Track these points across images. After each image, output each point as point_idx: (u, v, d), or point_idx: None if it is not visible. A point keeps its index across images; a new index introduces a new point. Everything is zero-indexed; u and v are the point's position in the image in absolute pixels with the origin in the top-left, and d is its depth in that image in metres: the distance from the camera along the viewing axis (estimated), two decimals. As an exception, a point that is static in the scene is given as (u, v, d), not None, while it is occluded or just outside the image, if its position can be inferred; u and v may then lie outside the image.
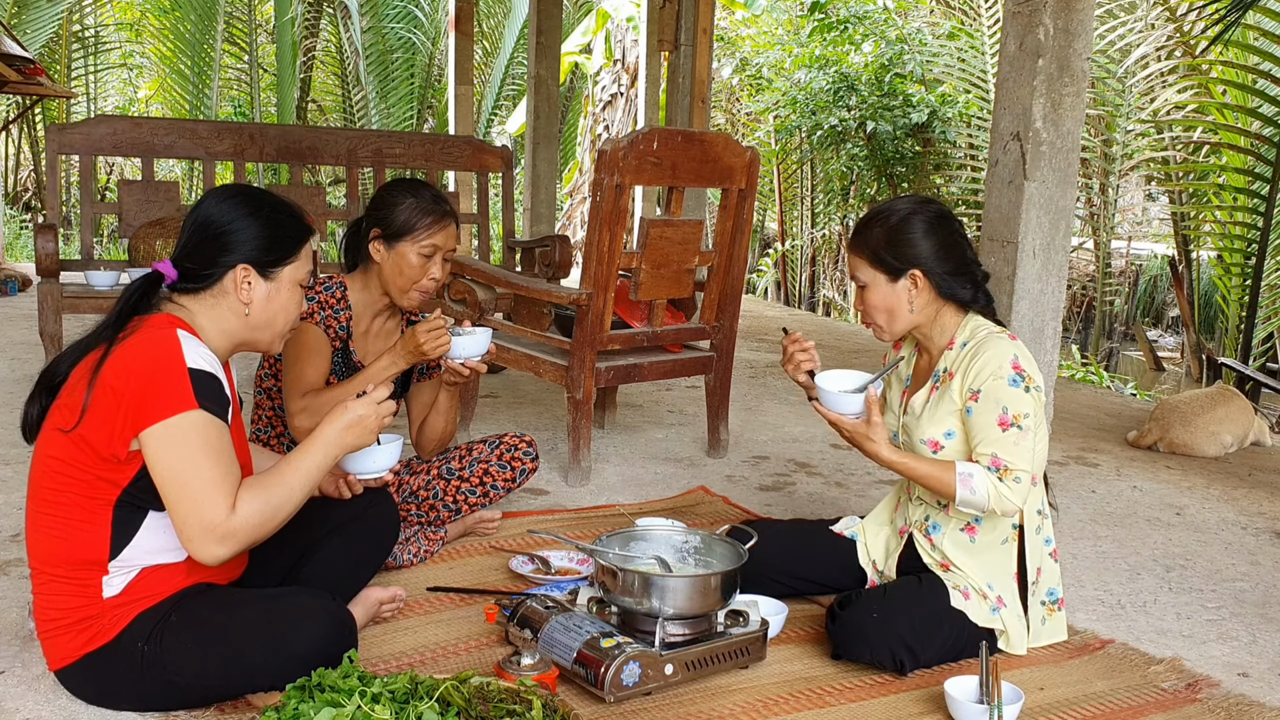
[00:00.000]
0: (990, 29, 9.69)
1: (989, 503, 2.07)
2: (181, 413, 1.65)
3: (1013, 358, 2.10)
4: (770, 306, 10.03)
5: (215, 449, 1.69)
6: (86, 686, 1.81)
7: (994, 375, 2.09)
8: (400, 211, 2.46)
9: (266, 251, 1.84)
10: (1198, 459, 4.19)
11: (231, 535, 1.69)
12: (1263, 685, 2.22)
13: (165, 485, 1.67)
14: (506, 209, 5.47)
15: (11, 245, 11.29)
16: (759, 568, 2.27)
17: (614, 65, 10.79)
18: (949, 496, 2.11)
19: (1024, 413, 2.08)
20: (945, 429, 2.18)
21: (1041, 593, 2.26)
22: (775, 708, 1.97)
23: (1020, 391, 2.08)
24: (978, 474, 2.08)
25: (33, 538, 1.77)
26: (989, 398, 2.09)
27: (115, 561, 1.73)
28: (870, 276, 2.19)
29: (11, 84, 6.92)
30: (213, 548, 1.69)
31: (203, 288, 1.82)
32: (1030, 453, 2.09)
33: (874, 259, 2.18)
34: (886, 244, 2.16)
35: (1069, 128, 3.14)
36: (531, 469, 2.75)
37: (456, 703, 1.64)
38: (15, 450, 3.36)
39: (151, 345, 1.69)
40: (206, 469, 1.66)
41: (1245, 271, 7.33)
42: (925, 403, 2.23)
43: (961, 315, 2.22)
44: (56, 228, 4.22)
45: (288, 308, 1.89)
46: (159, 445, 1.66)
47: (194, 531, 1.68)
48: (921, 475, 2.13)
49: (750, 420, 4.35)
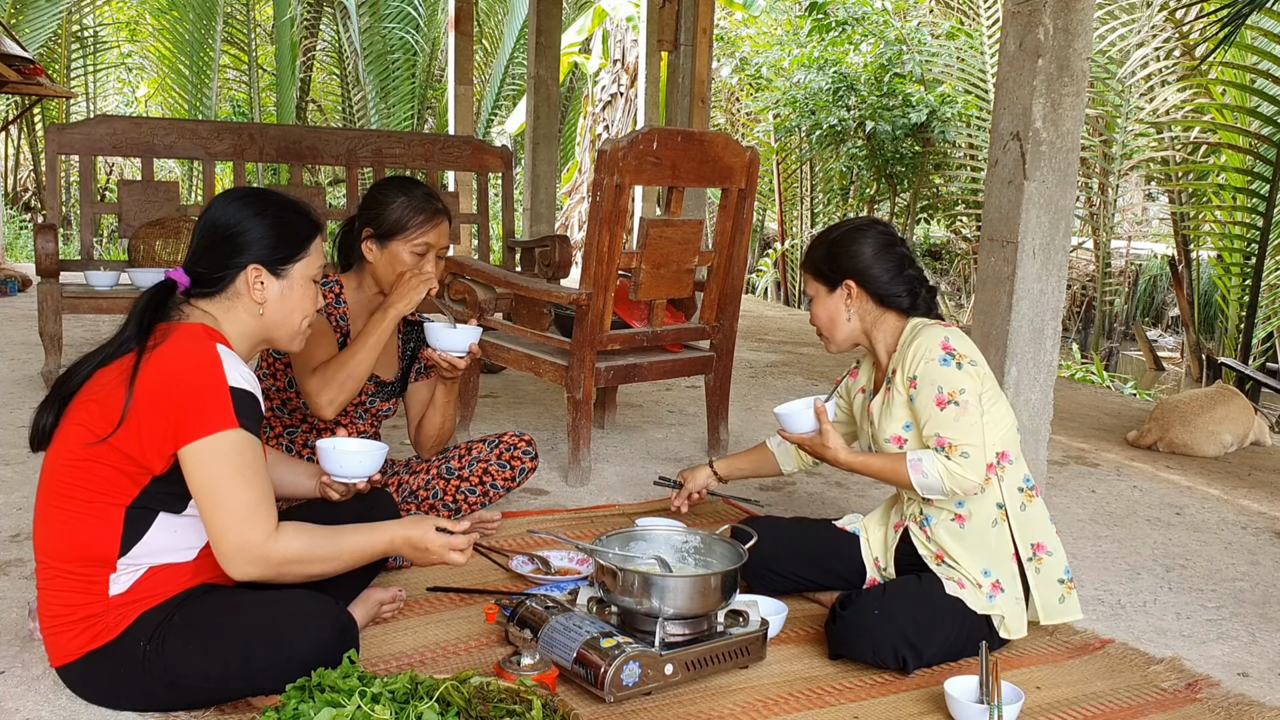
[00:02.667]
0: (989, 29, 9.69)
1: (944, 483, 2.14)
2: (221, 431, 1.69)
3: (942, 339, 2.20)
4: (770, 306, 10.03)
5: (253, 468, 1.73)
6: (88, 685, 1.81)
7: (925, 359, 2.19)
8: (392, 211, 2.46)
9: (276, 249, 1.86)
10: (1198, 459, 4.19)
11: (264, 559, 1.74)
12: (1262, 685, 2.22)
13: (204, 499, 1.71)
14: (506, 209, 5.47)
15: (11, 245, 11.29)
16: (761, 563, 2.32)
17: (613, 65, 10.79)
18: (906, 486, 2.21)
19: (959, 388, 2.15)
20: (902, 423, 2.27)
21: (1057, 570, 2.28)
22: (775, 708, 1.97)
23: (952, 370, 2.16)
24: (925, 457, 2.16)
25: (43, 532, 1.78)
26: (924, 380, 2.18)
27: (124, 559, 1.74)
28: (814, 289, 2.37)
29: (11, 84, 6.92)
30: (245, 566, 1.74)
31: (217, 291, 1.84)
32: (975, 427, 2.14)
33: (815, 272, 2.37)
34: (824, 258, 2.35)
35: (1069, 127, 3.14)
36: (531, 468, 2.75)
37: (456, 703, 1.64)
38: (15, 451, 3.35)
39: (193, 359, 1.72)
40: (244, 489, 1.71)
41: (1245, 271, 7.33)
42: (882, 404, 2.32)
43: (904, 321, 2.33)
44: (56, 228, 4.22)
45: (303, 304, 1.91)
46: (199, 460, 1.69)
47: (229, 548, 1.72)
48: (876, 470, 2.26)
49: (750, 420, 4.35)
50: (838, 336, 2.37)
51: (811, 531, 2.50)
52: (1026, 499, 2.27)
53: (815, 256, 2.38)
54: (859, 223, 2.41)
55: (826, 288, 2.35)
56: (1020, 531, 2.24)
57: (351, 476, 2.06)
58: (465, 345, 2.42)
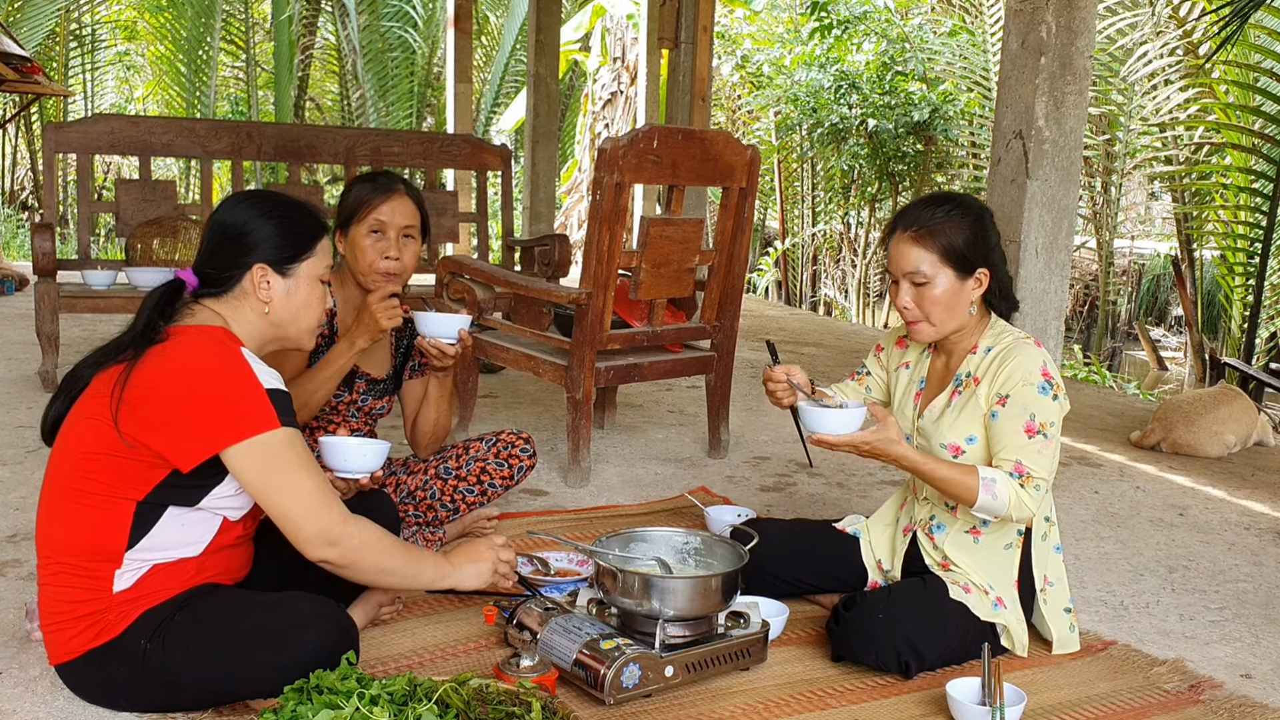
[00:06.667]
0: (992, 27, 9.67)
1: (1008, 509, 2.04)
2: (269, 431, 1.72)
3: (1042, 364, 2.09)
4: (771, 306, 10.02)
5: (308, 459, 1.78)
6: (87, 683, 1.80)
7: (1024, 381, 2.07)
8: (347, 198, 2.49)
9: (282, 249, 1.89)
10: (1201, 459, 4.17)
11: (339, 542, 1.77)
12: (1265, 686, 2.20)
13: (271, 495, 1.74)
14: (505, 208, 5.46)
15: (8, 244, 11.29)
16: (761, 565, 2.27)
17: (613, 63, 10.77)
18: (969, 501, 2.06)
19: (1050, 421, 2.07)
20: (968, 434, 2.16)
21: (1063, 600, 2.26)
22: (776, 710, 1.96)
23: (1049, 400, 2.07)
24: (1000, 480, 2.04)
25: (48, 526, 1.79)
26: (1017, 403, 2.07)
27: (131, 553, 1.75)
28: (937, 271, 2.10)
29: (9, 82, 6.90)
30: (324, 549, 1.77)
31: (224, 291, 1.87)
32: (1052, 462, 2.08)
33: (947, 254, 2.09)
34: (961, 240, 2.09)
35: (1071, 126, 3.13)
36: (529, 465, 2.73)
37: (455, 705, 1.63)
38: (13, 451, 3.34)
39: (222, 361, 1.74)
40: (308, 479, 1.76)
41: (1249, 271, 7.32)
42: (946, 407, 2.20)
43: (986, 319, 2.21)
44: (54, 227, 4.21)
45: (310, 303, 1.94)
46: (252, 461, 1.72)
47: (311, 533, 1.76)
48: (941, 478, 2.07)
49: (751, 420, 4.34)
50: (948, 328, 2.14)
51: (812, 533, 2.47)
52: (1048, 529, 2.24)
53: (948, 236, 2.08)
54: (980, 204, 2.15)
55: (957, 272, 2.10)
56: (1035, 560, 2.21)
57: (354, 472, 2.07)
58: (455, 331, 2.41)
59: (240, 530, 1.87)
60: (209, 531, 1.81)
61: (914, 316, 2.16)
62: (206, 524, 1.80)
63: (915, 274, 2.12)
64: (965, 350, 2.20)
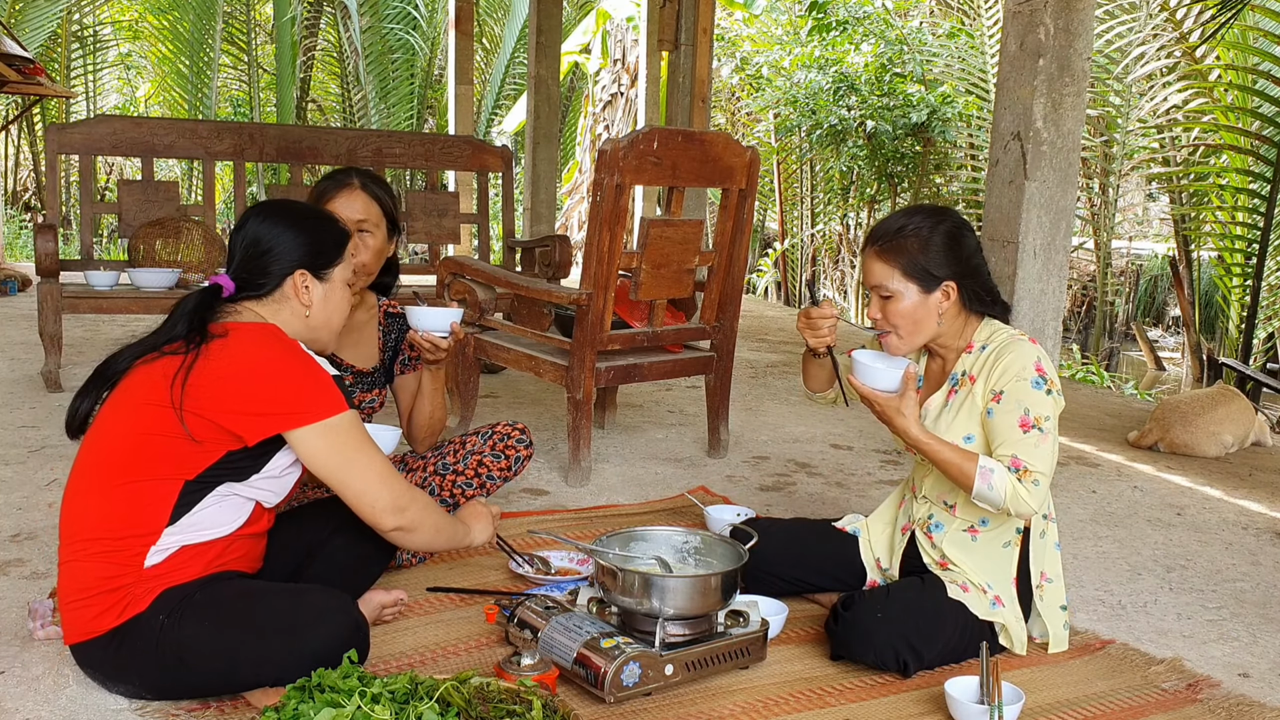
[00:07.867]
0: (990, 28, 9.69)
1: (1004, 501, 2.06)
2: (338, 414, 1.86)
3: (1035, 360, 2.11)
4: (770, 306, 10.03)
5: (371, 439, 1.94)
6: (104, 662, 1.82)
7: (1018, 377, 2.09)
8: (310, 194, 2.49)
9: (319, 256, 2.00)
10: (1198, 459, 4.19)
11: (408, 508, 1.94)
12: (1263, 685, 2.21)
13: (344, 470, 1.88)
14: (506, 209, 5.47)
15: (11, 245, 11.30)
16: (760, 564, 2.29)
17: (614, 65, 10.79)
18: (966, 486, 2.08)
19: (1045, 415, 2.08)
20: (965, 433, 2.17)
21: (1059, 597, 2.27)
22: (775, 708, 1.97)
23: (1043, 394, 2.09)
24: (998, 470, 2.05)
25: (81, 511, 1.81)
26: (1011, 399, 2.09)
27: (170, 529, 1.80)
28: (901, 287, 2.14)
29: (11, 84, 6.92)
30: (398, 516, 1.93)
31: (265, 294, 1.96)
32: (1050, 457, 2.08)
33: (909, 270, 2.13)
34: (923, 255, 2.12)
35: (1069, 127, 3.14)
36: (526, 456, 2.73)
37: (456, 703, 1.64)
38: (16, 451, 3.35)
39: (288, 351, 1.86)
40: (377, 455, 1.92)
41: (1246, 271, 7.33)
42: (943, 406, 2.22)
43: (979, 319, 2.23)
44: (56, 227, 4.22)
45: (341, 306, 2.06)
46: (324, 441, 1.85)
47: (387, 503, 1.91)
48: (944, 460, 2.08)
49: (751, 420, 4.35)
50: (916, 340, 2.18)
51: (811, 532, 2.48)
52: (1046, 527, 2.25)
53: (910, 252, 2.12)
54: (949, 216, 2.18)
55: (920, 287, 2.13)
56: (1033, 557, 2.22)
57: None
58: (446, 324, 2.42)
59: (265, 522, 1.95)
60: (242, 515, 1.88)
61: (883, 328, 2.22)
62: (242, 508, 1.88)
63: (880, 288, 2.17)
64: (960, 350, 2.23)
